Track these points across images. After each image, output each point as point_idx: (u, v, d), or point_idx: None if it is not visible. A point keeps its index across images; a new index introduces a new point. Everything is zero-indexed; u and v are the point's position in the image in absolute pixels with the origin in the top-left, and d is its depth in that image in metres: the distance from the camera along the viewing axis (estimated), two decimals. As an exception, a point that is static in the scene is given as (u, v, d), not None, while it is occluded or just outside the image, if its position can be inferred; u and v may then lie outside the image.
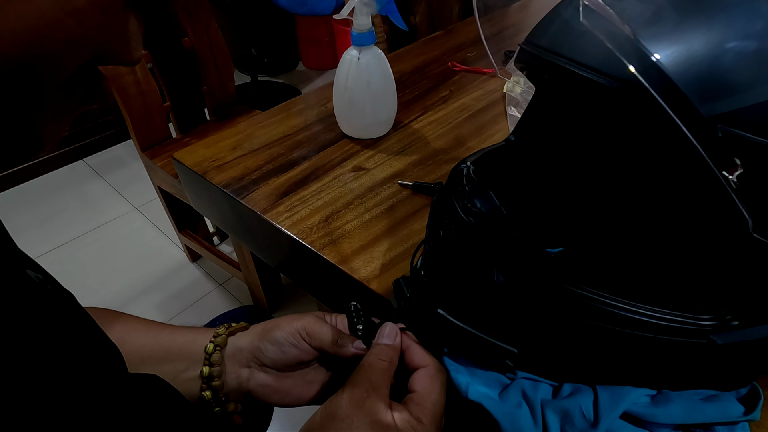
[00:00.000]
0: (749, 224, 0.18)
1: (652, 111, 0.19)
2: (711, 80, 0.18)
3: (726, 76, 0.18)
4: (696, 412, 0.27)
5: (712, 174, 0.18)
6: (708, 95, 0.18)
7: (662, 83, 0.18)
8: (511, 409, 0.29)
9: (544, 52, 0.26)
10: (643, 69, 0.18)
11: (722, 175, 0.18)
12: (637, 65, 0.18)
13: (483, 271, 0.28)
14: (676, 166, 0.20)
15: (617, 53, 0.19)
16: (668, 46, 0.19)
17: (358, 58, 0.54)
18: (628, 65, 0.19)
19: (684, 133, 0.17)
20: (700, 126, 0.18)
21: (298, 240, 0.46)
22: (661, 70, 0.18)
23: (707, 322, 0.23)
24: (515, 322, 0.28)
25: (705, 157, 0.17)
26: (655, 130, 0.19)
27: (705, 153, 0.17)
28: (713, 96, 0.18)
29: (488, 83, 0.75)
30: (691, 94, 0.18)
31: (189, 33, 1.04)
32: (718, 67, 0.18)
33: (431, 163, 0.57)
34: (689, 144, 0.17)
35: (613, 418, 0.27)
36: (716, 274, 0.23)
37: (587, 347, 0.27)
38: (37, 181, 1.64)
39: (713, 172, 0.17)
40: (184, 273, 1.31)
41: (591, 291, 0.25)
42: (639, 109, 0.20)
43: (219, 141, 0.62)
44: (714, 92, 0.18)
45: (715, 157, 0.17)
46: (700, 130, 0.18)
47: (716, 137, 0.18)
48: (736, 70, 0.18)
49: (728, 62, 0.18)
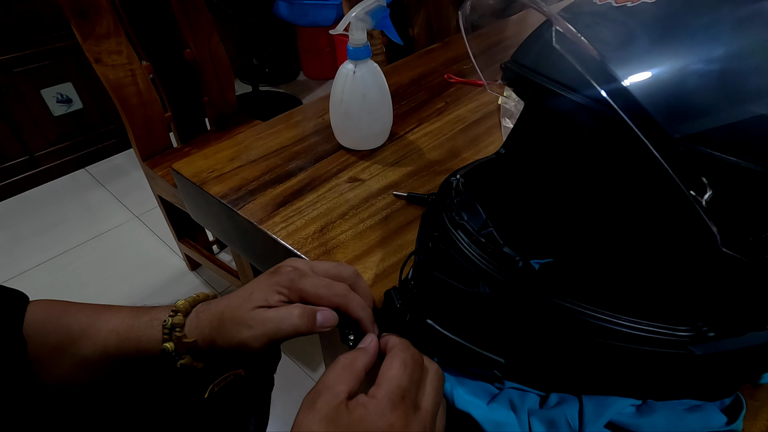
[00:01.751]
0: (718, 239, 0.19)
1: (623, 131, 0.19)
2: (678, 103, 0.19)
3: (692, 99, 0.19)
4: (679, 422, 0.27)
5: (680, 192, 0.18)
6: (675, 117, 0.19)
7: (631, 106, 0.19)
8: (499, 419, 0.30)
9: (526, 71, 0.27)
10: (612, 92, 0.19)
11: (690, 193, 0.18)
12: (607, 88, 0.19)
13: (470, 282, 0.28)
14: (648, 184, 0.20)
15: (587, 77, 0.20)
16: (636, 69, 0.20)
17: (354, 72, 0.55)
18: (599, 89, 0.19)
19: (653, 153, 0.18)
20: (668, 146, 0.18)
21: (293, 250, 0.47)
22: (629, 93, 0.19)
23: (685, 333, 0.23)
24: (502, 333, 0.29)
25: (673, 176, 0.18)
26: (627, 149, 0.20)
27: (673, 172, 0.18)
28: (680, 118, 0.19)
29: (483, 95, 0.76)
30: (658, 116, 0.19)
31: (190, 44, 1.06)
32: (684, 91, 0.19)
33: (426, 174, 0.58)
34: (658, 163, 0.18)
35: (598, 427, 0.27)
36: (691, 287, 0.24)
37: (572, 358, 0.28)
38: (38, 189, 1.66)
39: (681, 190, 0.18)
40: (183, 281, 1.32)
41: (574, 303, 0.25)
42: (611, 129, 0.21)
43: (217, 152, 0.63)
44: (681, 114, 0.19)
45: (683, 175, 0.18)
46: (668, 150, 0.18)
47: (683, 157, 0.19)
48: (701, 94, 0.19)
49: (693, 86, 0.19)
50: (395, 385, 0.25)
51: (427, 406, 0.26)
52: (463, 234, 0.30)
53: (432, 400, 0.27)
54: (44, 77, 1.55)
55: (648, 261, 0.26)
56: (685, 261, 0.23)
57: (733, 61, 0.20)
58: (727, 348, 0.24)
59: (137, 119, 1.01)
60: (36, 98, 1.56)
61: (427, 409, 0.26)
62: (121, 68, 0.96)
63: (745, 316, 0.23)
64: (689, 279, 0.24)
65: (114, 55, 0.95)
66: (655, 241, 0.25)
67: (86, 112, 1.69)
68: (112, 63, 0.95)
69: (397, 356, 0.27)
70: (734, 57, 0.20)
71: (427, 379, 0.27)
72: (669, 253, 0.24)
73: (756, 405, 0.32)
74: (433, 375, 0.28)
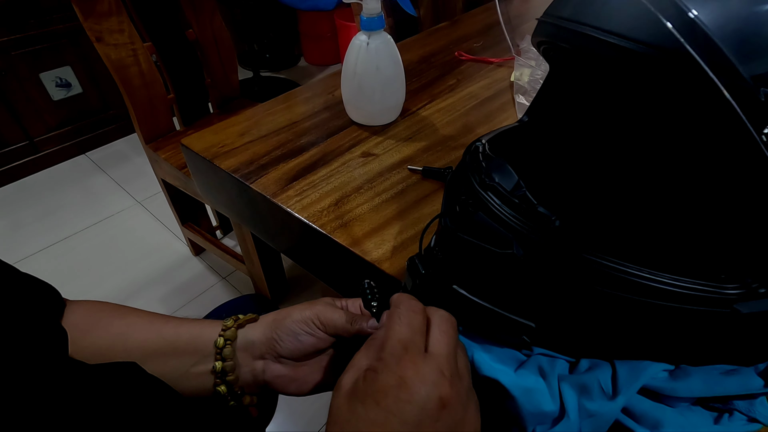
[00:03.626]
0: (780, 184, 0.18)
1: (687, 73, 0.18)
2: (752, 38, 0.18)
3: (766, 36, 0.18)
4: (716, 385, 0.27)
5: (749, 136, 0.17)
6: (749, 54, 0.17)
7: (701, 42, 0.18)
8: (528, 385, 0.29)
9: (566, 22, 0.26)
10: (682, 28, 0.18)
11: (761, 138, 0.17)
12: (675, 24, 0.18)
13: (502, 244, 0.28)
14: (710, 129, 0.19)
15: (654, 11, 0.18)
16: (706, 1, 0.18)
17: (368, 43, 0.54)
18: (667, 23, 0.18)
19: (722, 96, 0.17)
20: (742, 90, 0.17)
21: (309, 223, 0.46)
22: (700, 28, 0.18)
23: (733, 291, 0.23)
24: (533, 296, 0.28)
25: (744, 120, 0.17)
26: (689, 93, 0.18)
27: (744, 115, 0.17)
28: (754, 55, 0.17)
29: (495, 72, 0.75)
30: (731, 53, 0.17)
31: (193, 25, 1.04)
32: (759, 24, 0.18)
33: (440, 149, 0.57)
34: (728, 106, 0.17)
35: (633, 391, 0.27)
36: (743, 241, 0.23)
37: (606, 320, 0.27)
38: (39, 175, 1.64)
39: (751, 134, 0.17)
40: (187, 266, 1.31)
41: (614, 261, 0.24)
42: (671, 73, 0.20)
43: (227, 127, 0.61)
44: (755, 51, 0.17)
45: (755, 120, 0.17)
46: (743, 94, 0.17)
47: (758, 101, 0.18)
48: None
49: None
50: (395, 340, 0.25)
51: (439, 350, 0.25)
52: (495, 196, 0.29)
53: (443, 343, 0.26)
54: (43, 60, 1.52)
55: (693, 215, 0.25)
56: (739, 213, 0.22)
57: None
58: (774, 306, 0.23)
59: (140, 100, 1.00)
60: (35, 82, 1.53)
61: (439, 353, 0.25)
62: (123, 48, 0.94)
63: (795, 272, 0.22)
64: (741, 233, 0.23)
65: (116, 34, 0.92)
66: (706, 193, 0.24)
67: (86, 96, 1.66)
68: (114, 42, 0.93)
69: (391, 314, 0.27)
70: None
71: (433, 325, 0.27)
72: (720, 205, 0.23)
73: (787, 373, 0.32)
74: (438, 319, 0.27)
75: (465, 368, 0.26)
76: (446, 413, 0.23)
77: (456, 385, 0.24)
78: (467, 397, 0.25)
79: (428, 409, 0.23)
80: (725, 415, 0.27)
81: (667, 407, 0.27)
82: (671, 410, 0.27)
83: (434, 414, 0.23)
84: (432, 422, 0.23)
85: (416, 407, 0.23)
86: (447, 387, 0.23)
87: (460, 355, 0.27)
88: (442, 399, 0.23)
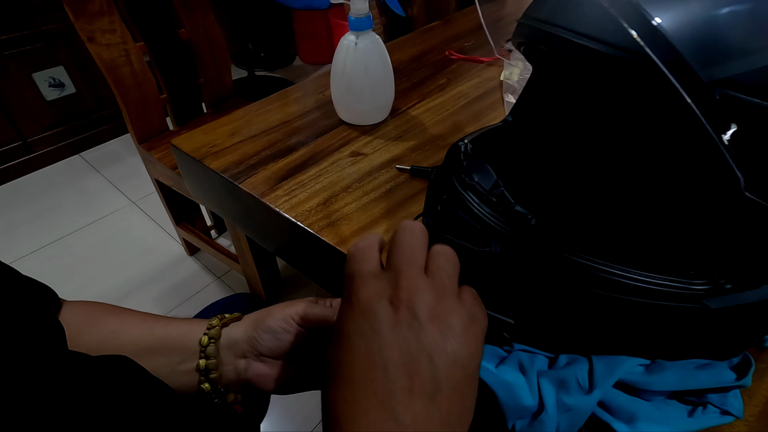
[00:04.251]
0: (741, 183, 0.19)
1: (651, 76, 0.19)
2: (710, 45, 0.18)
3: (725, 42, 0.19)
4: (689, 379, 0.27)
5: (708, 136, 0.18)
6: (708, 60, 0.18)
7: (664, 49, 0.18)
8: (508, 380, 0.30)
9: (542, 24, 0.26)
10: (645, 34, 0.19)
11: (718, 136, 0.18)
12: (639, 31, 0.19)
13: (481, 242, 0.28)
14: (673, 129, 0.20)
15: (619, 19, 0.19)
16: (668, 9, 0.19)
17: (356, 43, 0.54)
18: (631, 31, 0.19)
19: (683, 98, 0.18)
20: (699, 91, 0.18)
21: (297, 223, 0.46)
22: (662, 36, 0.18)
23: (701, 286, 0.23)
24: (512, 293, 0.29)
25: (702, 121, 0.18)
26: (653, 94, 0.19)
27: (703, 116, 0.18)
28: (713, 61, 0.18)
29: (486, 71, 0.75)
30: (691, 59, 0.18)
31: (185, 24, 1.04)
32: (718, 33, 0.19)
33: (429, 148, 0.57)
34: (688, 108, 0.18)
35: (608, 385, 0.27)
36: (709, 238, 0.23)
37: (583, 316, 0.27)
38: (33, 175, 1.64)
39: (709, 134, 0.18)
40: (182, 266, 1.31)
41: (587, 258, 0.25)
42: (638, 75, 0.21)
43: (217, 128, 0.62)
44: (714, 57, 0.18)
45: (712, 119, 0.18)
46: (700, 94, 0.18)
47: (714, 100, 0.18)
48: (734, 36, 0.19)
49: (726, 27, 0.19)
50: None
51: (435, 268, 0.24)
52: (474, 195, 0.29)
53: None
54: (36, 60, 1.52)
55: (663, 214, 0.26)
56: (705, 211, 0.22)
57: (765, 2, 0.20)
58: (743, 301, 0.23)
59: (132, 100, 0.99)
60: (28, 82, 1.53)
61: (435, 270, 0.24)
62: (115, 48, 0.94)
63: (762, 268, 0.23)
64: (707, 230, 0.23)
65: (107, 34, 0.92)
66: (673, 192, 0.25)
67: (79, 96, 1.66)
68: (106, 42, 0.93)
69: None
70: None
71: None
72: (688, 204, 0.24)
73: (762, 367, 0.32)
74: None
75: (439, 271, 0.24)
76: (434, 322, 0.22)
77: (411, 287, 0.23)
78: (436, 297, 0.23)
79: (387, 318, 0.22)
80: (699, 408, 0.28)
81: (642, 401, 0.28)
82: (646, 404, 0.28)
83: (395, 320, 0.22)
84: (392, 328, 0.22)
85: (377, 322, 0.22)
86: (432, 298, 0.22)
87: (435, 257, 0.25)
88: (392, 302, 0.22)
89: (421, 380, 0.21)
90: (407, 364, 0.21)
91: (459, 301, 0.24)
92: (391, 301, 0.23)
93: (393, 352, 0.21)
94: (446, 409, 0.21)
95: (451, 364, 0.21)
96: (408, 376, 0.21)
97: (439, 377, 0.21)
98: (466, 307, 0.24)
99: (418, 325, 0.22)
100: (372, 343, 0.22)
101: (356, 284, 0.24)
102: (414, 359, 0.21)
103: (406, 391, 0.21)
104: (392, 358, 0.21)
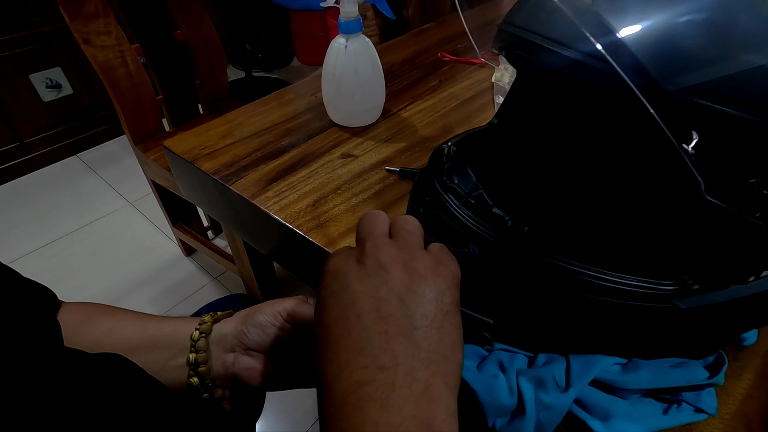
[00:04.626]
0: (702, 187, 0.19)
1: (615, 86, 0.19)
2: (671, 54, 0.19)
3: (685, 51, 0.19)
4: (663, 377, 0.28)
5: (669, 143, 0.18)
6: (668, 69, 0.19)
7: (626, 59, 0.19)
8: (488, 379, 0.30)
9: (518, 30, 0.27)
10: (608, 45, 0.19)
11: (678, 143, 0.18)
12: (603, 41, 0.19)
13: (460, 244, 0.29)
14: (638, 137, 0.20)
15: (583, 29, 0.20)
16: (630, 21, 0.20)
17: (346, 46, 0.55)
18: (596, 43, 0.19)
19: (645, 106, 0.18)
20: (661, 99, 0.18)
21: (286, 224, 0.47)
22: (624, 46, 0.19)
23: (669, 287, 0.24)
24: (491, 293, 0.29)
25: (664, 129, 0.18)
26: (618, 102, 0.20)
27: (664, 124, 0.18)
28: (674, 70, 0.19)
29: (477, 73, 0.76)
30: (652, 68, 0.19)
31: (181, 26, 1.05)
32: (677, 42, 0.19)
33: (418, 150, 0.58)
34: (650, 116, 0.18)
35: (584, 383, 0.28)
36: (677, 240, 0.24)
37: (559, 316, 0.28)
38: (30, 176, 1.64)
39: (670, 141, 0.18)
40: (178, 267, 1.32)
41: (562, 260, 0.26)
42: (603, 83, 0.21)
43: (209, 129, 0.62)
44: (674, 66, 0.19)
45: (674, 127, 0.18)
46: (661, 103, 0.18)
47: (675, 108, 0.19)
48: (694, 45, 0.19)
49: (686, 37, 0.19)
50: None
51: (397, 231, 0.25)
52: (454, 197, 0.30)
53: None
54: (32, 62, 1.52)
55: (634, 217, 0.26)
56: (671, 214, 0.23)
57: (722, 12, 0.20)
58: (711, 301, 0.24)
59: (128, 102, 1.00)
60: (25, 83, 1.53)
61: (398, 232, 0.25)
62: (111, 49, 0.94)
63: (728, 269, 0.23)
64: (674, 233, 0.24)
65: (103, 35, 0.93)
66: (642, 196, 0.25)
67: (76, 97, 1.66)
68: (101, 44, 0.93)
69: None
70: (723, 6, 0.20)
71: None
72: (655, 207, 0.24)
73: (740, 366, 0.33)
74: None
75: (401, 232, 0.25)
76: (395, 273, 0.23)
77: (375, 245, 0.24)
78: (399, 249, 0.24)
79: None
80: (674, 406, 0.29)
81: (618, 399, 0.29)
82: (622, 402, 0.28)
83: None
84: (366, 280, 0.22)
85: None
86: (394, 250, 0.23)
87: (397, 221, 0.26)
88: (359, 260, 0.23)
89: (395, 321, 0.22)
90: (379, 309, 0.22)
91: (423, 251, 0.25)
92: (358, 260, 0.24)
93: (365, 300, 0.22)
94: (425, 345, 0.21)
95: (421, 302, 0.22)
96: (382, 320, 0.22)
97: (413, 315, 0.22)
98: (431, 254, 0.24)
99: (385, 273, 0.23)
100: (343, 297, 0.23)
101: (328, 260, 0.25)
102: (385, 302, 0.22)
103: (383, 334, 0.21)
104: (365, 306, 0.22)
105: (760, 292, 0.24)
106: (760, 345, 0.34)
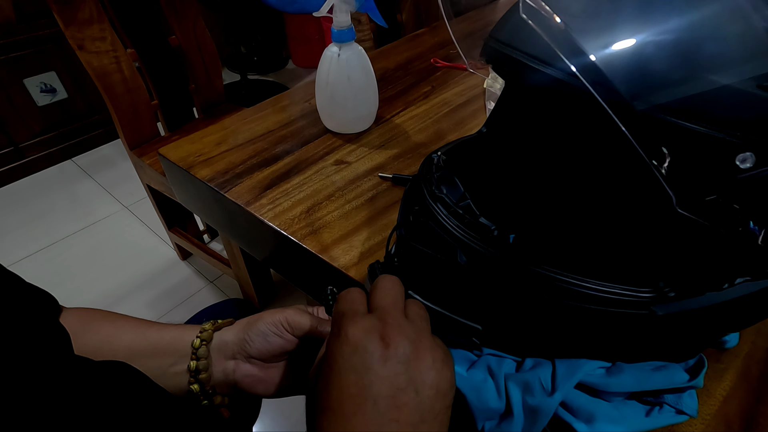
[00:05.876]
0: (673, 201, 0.20)
1: (588, 101, 0.20)
2: (642, 76, 0.20)
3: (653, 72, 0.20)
4: (645, 381, 0.29)
5: (640, 158, 0.19)
6: (639, 88, 0.20)
7: (596, 78, 0.20)
8: (477, 384, 0.31)
9: (502, 45, 0.28)
10: (578, 63, 0.20)
11: (649, 158, 0.19)
12: (575, 61, 0.20)
13: (448, 253, 0.30)
14: (611, 152, 0.21)
15: (554, 48, 0.21)
16: (602, 41, 0.20)
17: (339, 54, 0.56)
18: (569, 63, 0.20)
19: (616, 122, 0.19)
20: (631, 117, 0.19)
21: (280, 231, 0.48)
22: (593, 65, 0.20)
23: (647, 294, 0.25)
24: (478, 300, 0.30)
25: (634, 144, 0.19)
26: (591, 117, 0.20)
27: (633, 139, 0.19)
28: (644, 89, 0.20)
29: (470, 79, 0.77)
30: (624, 89, 0.19)
31: (175, 31, 1.05)
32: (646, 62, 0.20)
33: (411, 156, 0.58)
34: (621, 132, 0.19)
35: (569, 387, 0.29)
36: (653, 250, 0.25)
37: (545, 322, 0.29)
38: (25, 181, 1.64)
39: (641, 156, 0.19)
40: (174, 271, 1.32)
41: (544, 268, 0.26)
42: (578, 99, 0.22)
43: (204, 136, 0.63)
44: (644, 86, 0.20)
45: (644, 142, 0.19)
46: (632, 120, 0.19)
47: (644, 124, 0.20)
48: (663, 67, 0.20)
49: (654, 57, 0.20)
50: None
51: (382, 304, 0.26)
52: (442, 206, 0.31)
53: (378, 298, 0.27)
54: (26, 66, 1.52)
55: (613, 227, 0.27)
56: (646, 225, 0.24)
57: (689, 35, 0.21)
58: (688, 308, 0.25)
59: (123, 107, 1.00)
60: (19, 88, 1.53)
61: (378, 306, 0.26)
62: (105, 55, 0.95)
63: (703, 277, 0.24)
64: (651, 243, 0.25)
65: (98, 41, 0.93)
66: (619, 207, 0.26)
67: (71, 101, 1.66)
68: (96, 50, 0.94)
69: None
70: (690, 29, 0.21)
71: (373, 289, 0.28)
72: (631, 218, 0.25)
73: (721, 368, 0.34)
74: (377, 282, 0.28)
75: (416, 316, 0.27)
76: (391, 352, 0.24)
77: (398, 326, 0.25)
78: (417, 337, 0.25)
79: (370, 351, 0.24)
80: (656, 408, 0.30)
81: (602, 401, 0.30)
82: (606, 404, 0.29)
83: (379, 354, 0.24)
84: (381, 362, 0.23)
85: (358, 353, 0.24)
86: (387, 329, 0.24)
87: (412, 305, 0.28)
88: (383, 338, 0.24)
89: (408, 411, 0.23)
90: (396, 397, 0.23)
91: (434, 340, 0.26)
92: (382, 338, 0.24)
93: (384, 386, 0.23)
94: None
95: (434, 396, 0.24)
96: (397, 408, 0.23)
97: (424, 408, 0.23)
98: (441, 346, 0.26)
99: (407, 361, 0.24)
100: (363, 377, 0.23)
101: (346, 321, 0.26)
102: (402, 392, 0.23)
103: (395, 422, 0.23)
104: (382, 391, 0.23)
105: (735, 298, 0.25)
106: (740, 347, 0.35)
